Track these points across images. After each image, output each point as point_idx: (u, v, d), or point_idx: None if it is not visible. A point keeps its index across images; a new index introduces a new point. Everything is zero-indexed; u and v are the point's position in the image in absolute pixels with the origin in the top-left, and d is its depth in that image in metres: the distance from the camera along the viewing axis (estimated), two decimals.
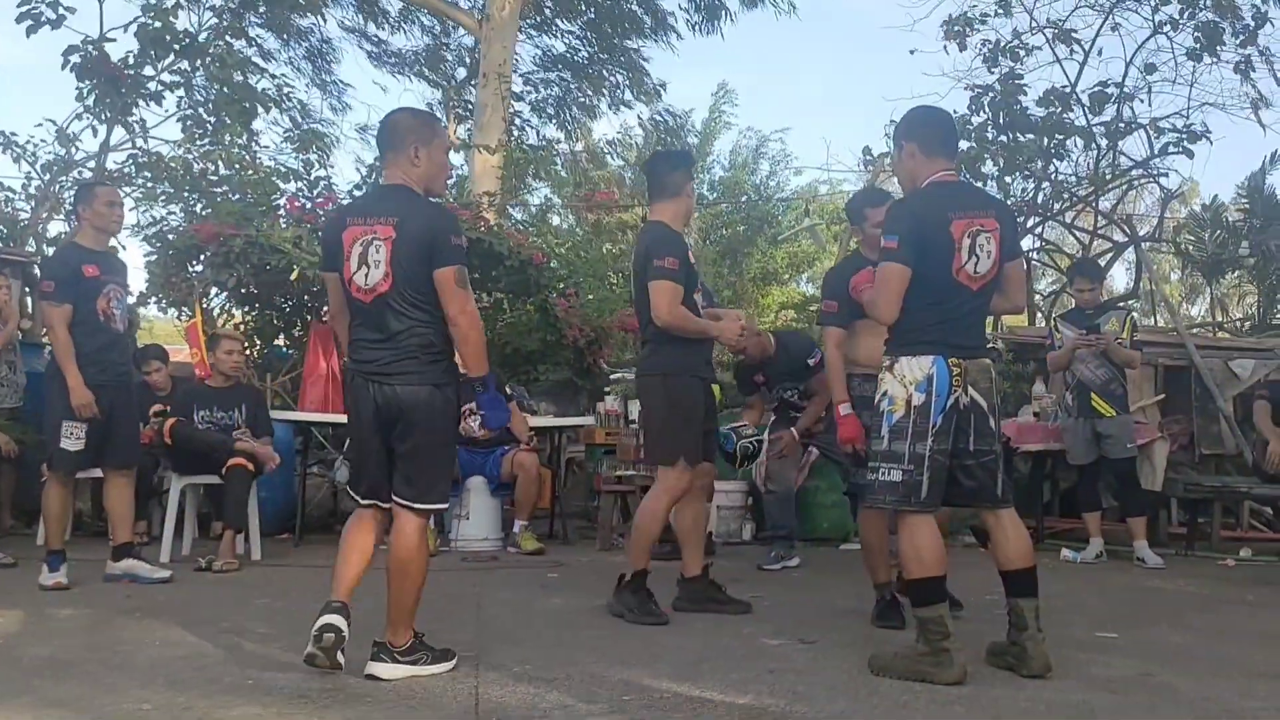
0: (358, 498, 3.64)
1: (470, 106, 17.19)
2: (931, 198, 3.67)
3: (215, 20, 10.57)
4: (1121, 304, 8.64)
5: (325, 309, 8.99)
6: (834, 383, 4.56)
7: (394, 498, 3.53)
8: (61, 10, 9.47)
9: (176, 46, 9.92)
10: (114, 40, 9.76)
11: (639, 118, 18.48)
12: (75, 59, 9.55)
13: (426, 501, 3.53)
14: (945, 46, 10.50)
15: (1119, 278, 17.20)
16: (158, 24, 9.65)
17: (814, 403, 6.35)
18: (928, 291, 3.58)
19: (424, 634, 3.60)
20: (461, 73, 18.08)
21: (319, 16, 14.73)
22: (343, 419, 7.68)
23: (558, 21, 17.06)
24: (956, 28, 10.44)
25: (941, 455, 3.56)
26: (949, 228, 3.57)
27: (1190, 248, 11.39)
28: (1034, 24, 10.51)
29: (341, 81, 17.94)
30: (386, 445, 3.53)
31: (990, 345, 4.66)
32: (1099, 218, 11.54)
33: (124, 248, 6.66)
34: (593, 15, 16.74)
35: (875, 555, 4.60)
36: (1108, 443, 6.81)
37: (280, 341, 9.28)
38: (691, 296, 4.59)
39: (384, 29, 17.54)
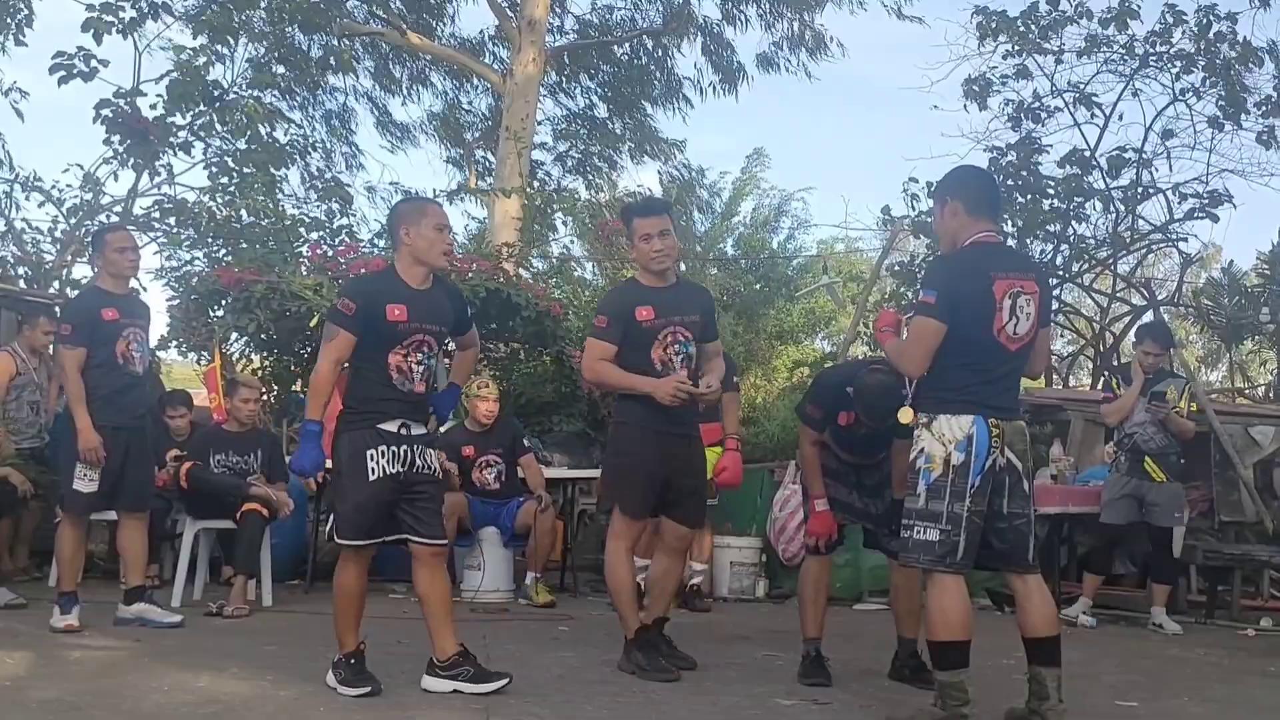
0: None
1: (488, 163, 17.40)
2: (974, 256, 3.65)
3: (249, 67, 10.79)
4: (1179, 372, 8.57)
5: None
6: (808, 479, 4.59)
7: None
8: (95, 64, 9.66)
9: (205, 99, 10.10)
10: (145, 95, 9.97)
11: (659, 173, 18.59)
12: (107, 113, 9.73)
13: None
14: (965, 106, 10.60)
15: None
16: (188, 79, 9.83)
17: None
18: (967, 350, 3.55)
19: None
20: (472, 132, 18.24)
21: (348, 75, 14.95)
22: None
23: (577, 80, 17.26)
24: (976, 88, 10.53)
25: (978, 516, 3.51)
26: (991, 287, 3.55)
27: (1210, 314, 11.37)
28: (1054, 87, 10.61)
29: (356, 145, 18.09)
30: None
31: None
32: (1117, 281, 11.54)
33: (145, 289, 6.73)
34: (609, 76, 16.95)
35: (807, 608, 4.60)
36: (1155, 510, 6.69)
37: (297, 388, 9.31)
38: (647, 354, 4.51)
39: (397, 96, 17.69)
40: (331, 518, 3.98)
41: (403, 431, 3.97)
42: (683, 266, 15.06)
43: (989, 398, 3.56)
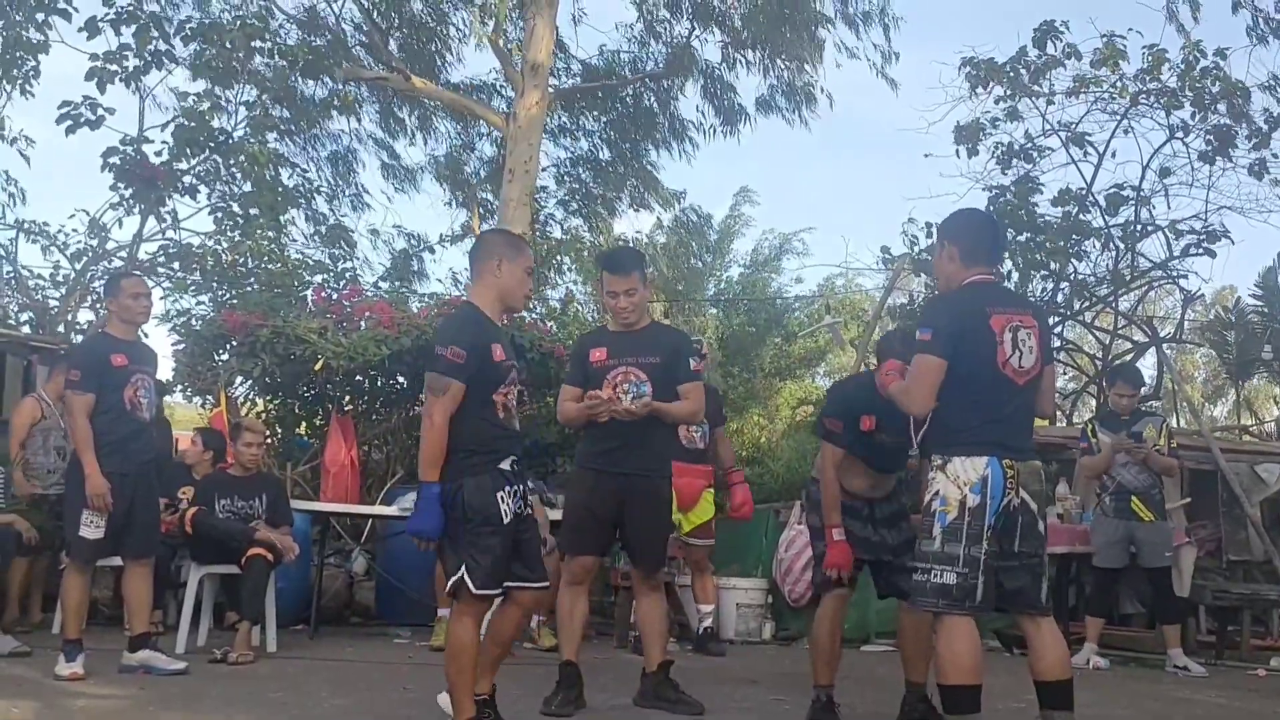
0: None
1: (490, 205, 17.50)
2: (968, 294, 3.68)
3: (248, 114, 10.90)
4: (1156, 409, 8.57)
5: (347, 399, 9.08)
6: (827, 507, 4.44)
7: None
8: (101, 112, 9.77)
9: (211, 144, 10.21)
10: (151, 142, 10.09)
11: (659, 220, 18.70)
12: (115, 160, 9.83)
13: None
14: (957, 151, 10.70)
15: None
16: (193, 125, 9.95)
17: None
18: (973, 387, 3.55)
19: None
20: (474, 174, 18.32)
21: (350, 117, 15.08)
22: (360, 509, 7.74)
23: (581, 121, 17.37)
24: (967, 133, 10.63)
25: (994, 559, 3.50)
26: (988, 321, 3.57)
27: (1221, 349, 11.41)
28: (1047, 126, 10.71)
29: (362, 185, 18.14)
30: None
31: None
32: (1119, 318, 11.56)
33: (147, 335, 6.70)
34: (615, 115, 17.06)
35: (821, 653, 4.52)
36: (1146, 549, 6.70)
37: (301, 430, 9.32)
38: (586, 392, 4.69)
39: (401, 140, 17.76)
40: (462, 570, 3.76)
41: (515, 469, 3.88)
42: (660, 311, 15.16)
43: (1002, 437, 3.55)
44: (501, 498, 3.76)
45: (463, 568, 3.70)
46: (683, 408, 4.69)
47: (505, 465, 3.83)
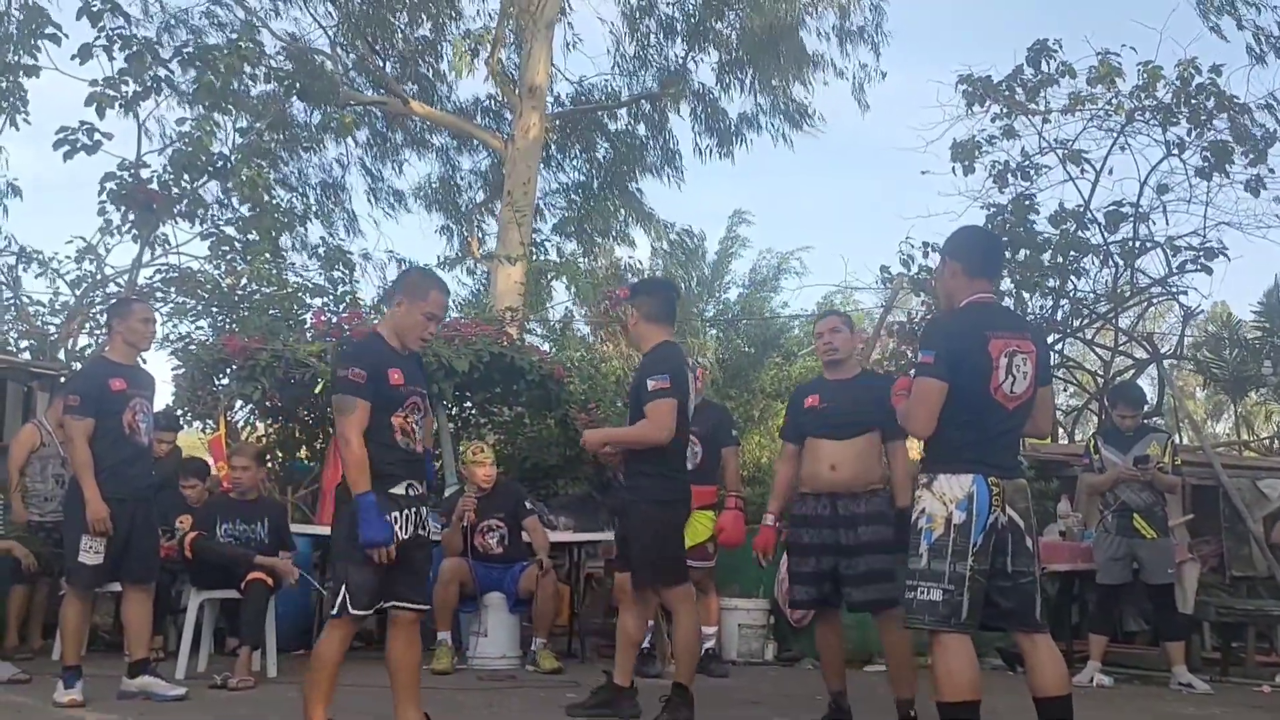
0: None
1: (486, 230, 17.61)
2: (969, 316, 3.71)
3: (242, 139, 10.96)
4: (1160, 425, 8.54)
5: None
6: (772, 497, 5.10)
7: None
8: (98, 137, 9.79)
9: (210, 169, 10.24)
10: (149, 167, 10.12)
11: (652, 246, 18.78)
12: (112, 186, 9.85)
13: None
14: (954, 169, 10.72)
15: None
16: (191, 150, 9.99)
17: None
18: (965, 409, 3.58)
19: None
20: (469, 199, 18.40)
21: (345, 139, 15.15)
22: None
23: (573, 151, 17.46)
24: (964, 151, 10.65)
25: (981, 576, 3.51)
26: (987, 346, 3.59)
27: (1212, 366, 11.38)
28: (1044, 143, 10.73)
29: (353, 212, 18.17)
30: None
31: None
32: (1119, 335, 11.56)
33: (144, 360, 6.63)
34: (604, 148, 17.18)
35: (822, 665, 5.00)
36: (1149, 566, 6.68)
37: (303, 454, 9.30)
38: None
39: (393, 164, 17.81)
40: (342, 590, 3.90)
41: (410, 493, 4.01)
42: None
43: (988, 455, 3.58)
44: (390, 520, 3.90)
45: (344, 588, 3.88)
46: (629, 431, 4.88)
47: (399, 490, 3.97)
